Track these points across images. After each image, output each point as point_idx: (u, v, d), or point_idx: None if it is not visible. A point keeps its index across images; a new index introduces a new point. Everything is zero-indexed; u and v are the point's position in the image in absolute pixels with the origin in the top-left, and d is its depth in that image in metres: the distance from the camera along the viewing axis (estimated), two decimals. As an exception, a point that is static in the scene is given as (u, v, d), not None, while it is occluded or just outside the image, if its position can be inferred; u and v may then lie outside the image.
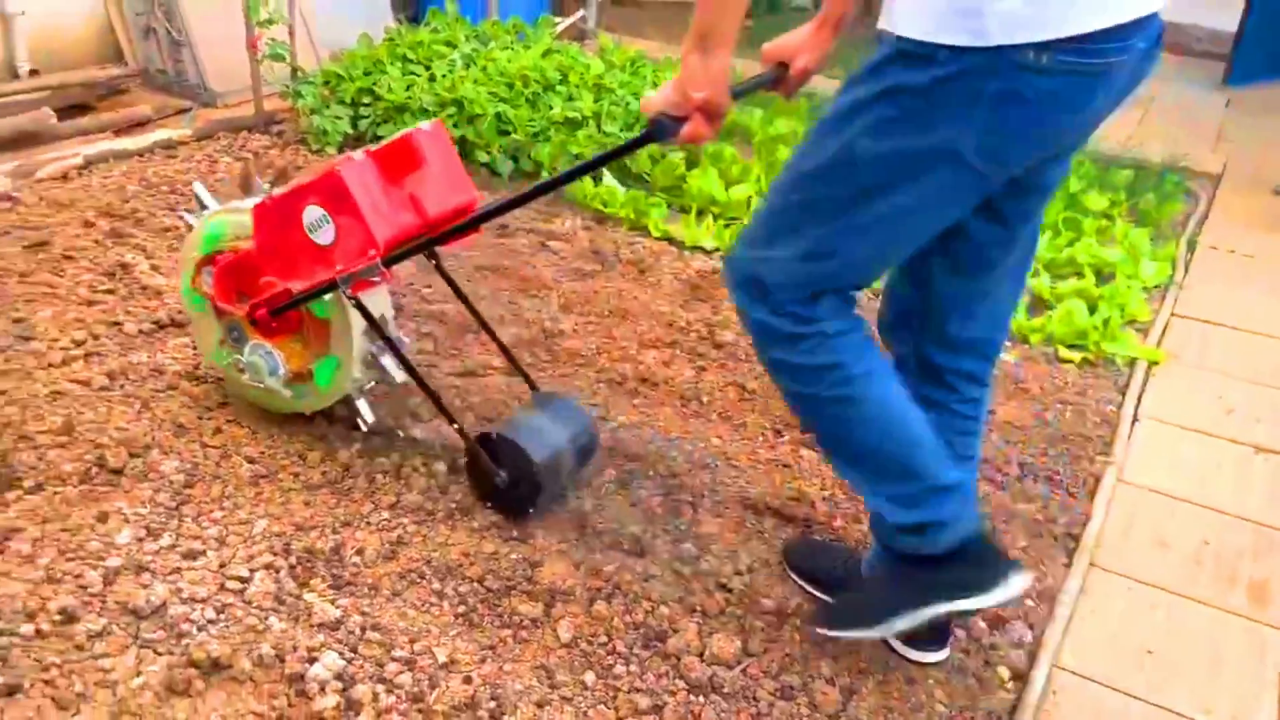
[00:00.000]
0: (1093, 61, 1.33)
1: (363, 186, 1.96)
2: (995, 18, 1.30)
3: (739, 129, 4.40)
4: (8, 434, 2.16)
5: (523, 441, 2.03)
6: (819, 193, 1.50)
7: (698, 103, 1.47)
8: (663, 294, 3.10)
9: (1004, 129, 1.37)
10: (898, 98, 1.40)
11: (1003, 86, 1.33)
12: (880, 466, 1.62)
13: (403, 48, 4.18)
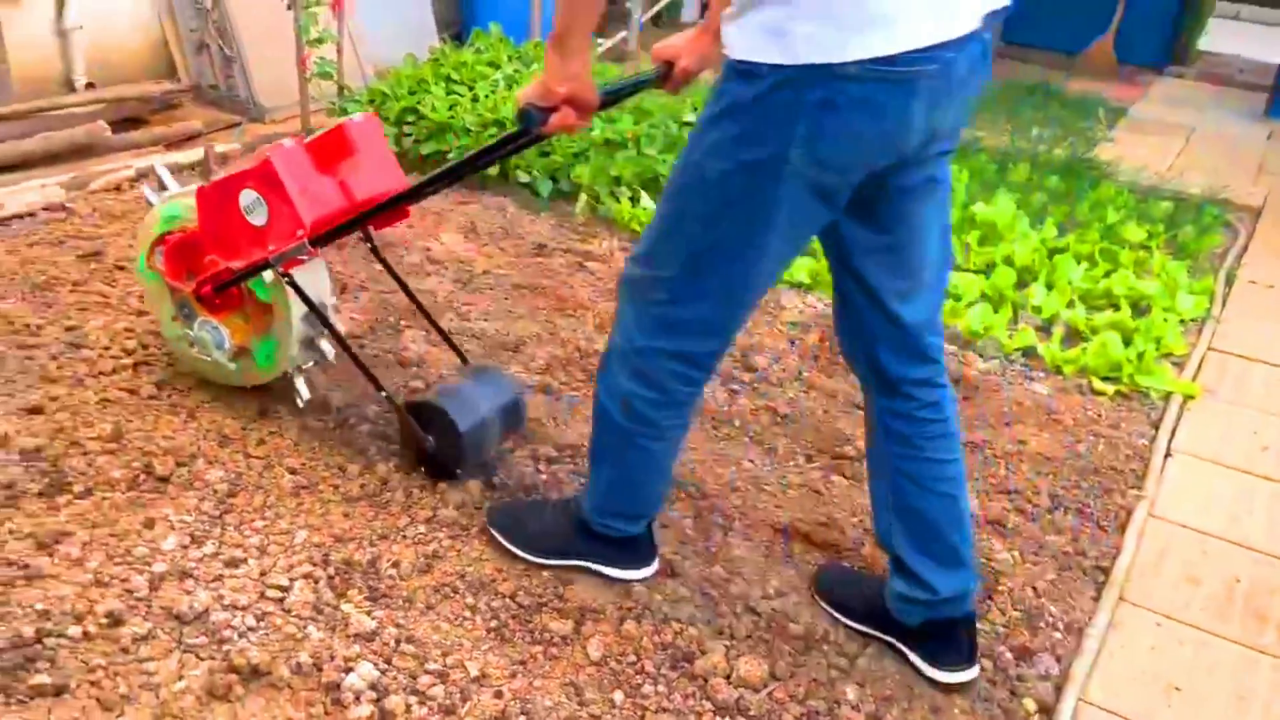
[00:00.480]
0: (900, 69, 1.43)
1: (291, 171, 2.11)
2: (801, 39, 1.42)
3: (776, 153, 4.44)
4: (60, 439, 2.23)
5: (449, 409, 2.16)
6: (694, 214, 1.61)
7: (561, 96, 1.64)
8: (697, 316, 3.13)
9: (825, 135, 1.47)
10: (735, 114, 1.51)
11: (821, 95, 1.44)
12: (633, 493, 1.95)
13: (447, 68, 4.26)
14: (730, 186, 1.55)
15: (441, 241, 3.40)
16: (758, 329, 3.08)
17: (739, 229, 1.58)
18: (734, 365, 2.87)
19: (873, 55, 1.41)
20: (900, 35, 1.41)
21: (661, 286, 1.69)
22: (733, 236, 1.59)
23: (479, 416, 2.20)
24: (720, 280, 1.64)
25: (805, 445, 2.56)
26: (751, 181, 1.53)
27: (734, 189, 1.55)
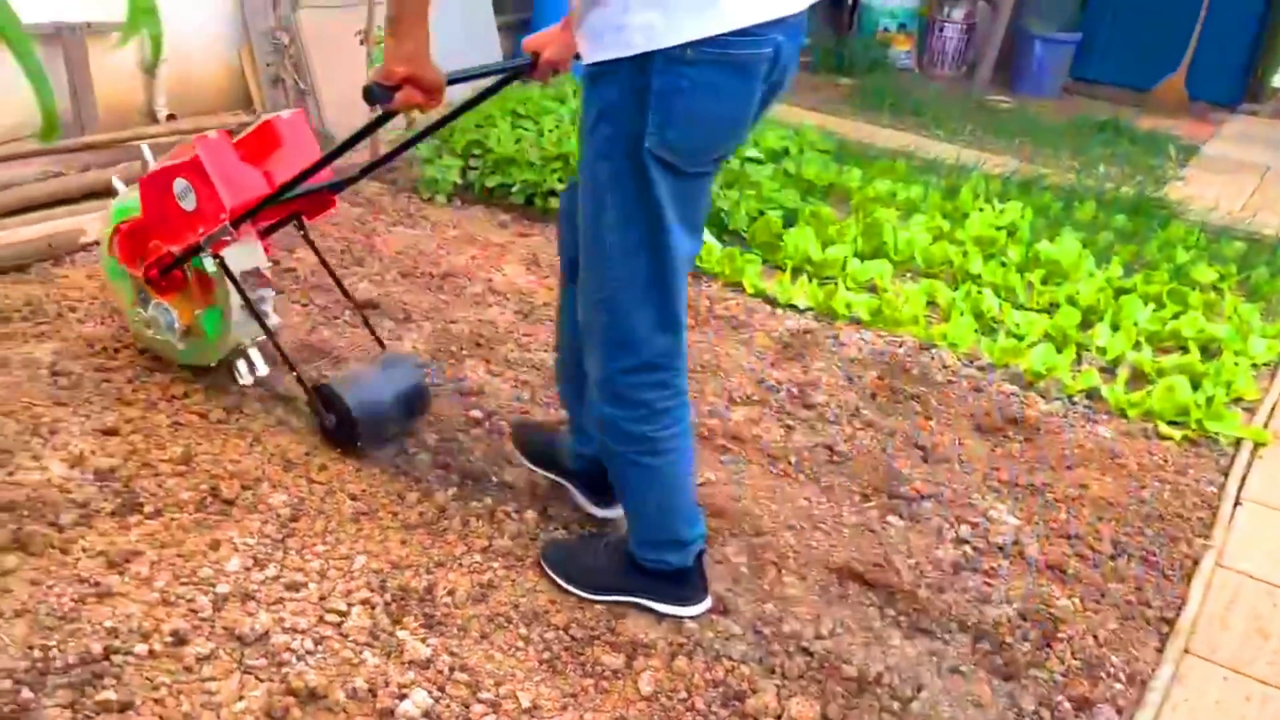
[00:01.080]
0: (733, 53, 1.56)
1: (215, 161, 2.31)
2: (638, 29, 1.54)
3: (837, 189, 4.44)
4: (132, 460, 2.30)
5: (345, 392, 2.37)
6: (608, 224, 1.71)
7: (401, 76, 1.73)
8: (754, 351, 3.14)
9: (674, 121, 1.58)
10: (602, 117, 1.64)
11: (664, 82, 1.55)
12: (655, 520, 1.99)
13: (513, 103, 4.33)
14: (621, 184, 1.66)
15: (503, 273, 3.46)
16: (816, 364, 3.08)
17: (644, 220, 1.68)
18: (790, 401, 2.87)
19: (704, 35, 1.52)
20: (728, 15, 1.53)
21: (604, 309, 1.79)
22: (643, 229, 1.69)
23: (375, 400, 2.39)
24: (649, 276, 1.74)
25: (861, 484, 2.55)
26: (634, 173, 1.63)
27: (625, 185, 1.65)
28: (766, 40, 1.58)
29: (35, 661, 1.76)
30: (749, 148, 4.28)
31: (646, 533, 2.00)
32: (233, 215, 2.30)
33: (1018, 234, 4.11)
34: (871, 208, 4.20)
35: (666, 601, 2.02)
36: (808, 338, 3.25)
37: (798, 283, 3.56)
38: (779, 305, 3.47)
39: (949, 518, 2.46)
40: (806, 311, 3.45)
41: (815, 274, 3.69)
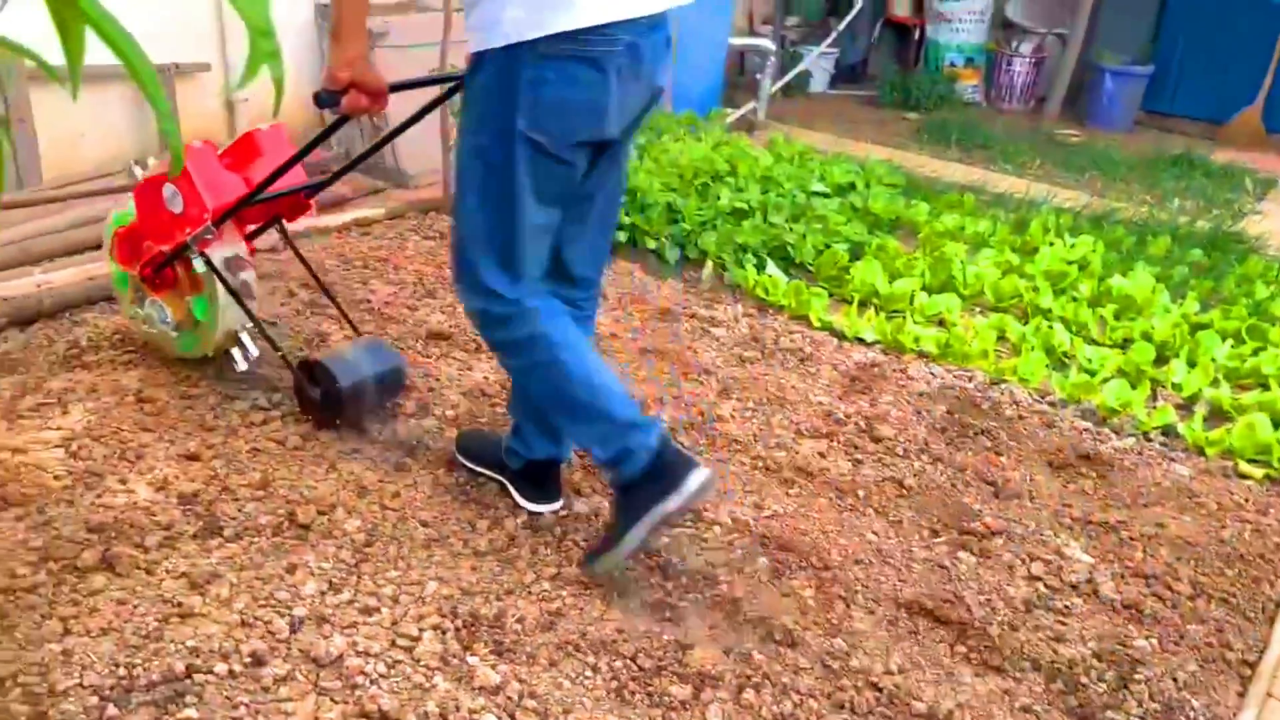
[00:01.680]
0: (587, 50, 1.79)
1: (199, 167, 2.53)
2: (508, 23, 1.77)
3: (905, 223, 4.42)
4: (213, 485, 2.37)
5: (332, 367, 2.54)
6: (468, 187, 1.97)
7: (345, 80, 1.91)
8: (821, 384, 3.13)
9: (542, 106, 1.82)
10: (475, 99, 1.89)
11: (531, 73, 1.80)
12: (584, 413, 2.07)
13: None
14: (484, 156, 1.91)
15: (571, 305, 3.50)
16: (884, 398, 3.07)
17: (500, 190, 1.92)
18: (858, 435, 2.85)
19: (560, 30, 1.76)
20: (582, 13, 1.76)
21: (459, 251, 2.06)
22: (498, 197, 1.93)
23: (358, 377, 2.55)
24: (502, 239, 1.97)
25: (931, 519, 2.52)
26: (500, 150, 1.88)
27: (491, 159, 1.90)
28: (618, 39, 1.82)
29: (120, 679, 1.81)
30: (815, 182, 4.29)
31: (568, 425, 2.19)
32: (215, 215, 2.52)
33: (1089, 268, 4.06)
34: (939, 242, 4.18)
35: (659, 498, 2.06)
36: (875, 371, 3.24)
37: (864, 316, 3.55)
38: (846, 338, 3.47)
39: (1021, 554, 2.42)
40: (874, 345, 3.44)
41: (883, 307, 3.68)
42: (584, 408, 2.07)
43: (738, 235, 3.85)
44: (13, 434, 2.51)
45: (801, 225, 3.98)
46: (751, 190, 4.09)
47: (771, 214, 3.99)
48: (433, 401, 2.82)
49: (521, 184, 1.90)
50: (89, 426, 2.55)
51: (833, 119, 6.48)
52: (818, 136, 5.87)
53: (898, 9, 7.38)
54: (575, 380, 2.05)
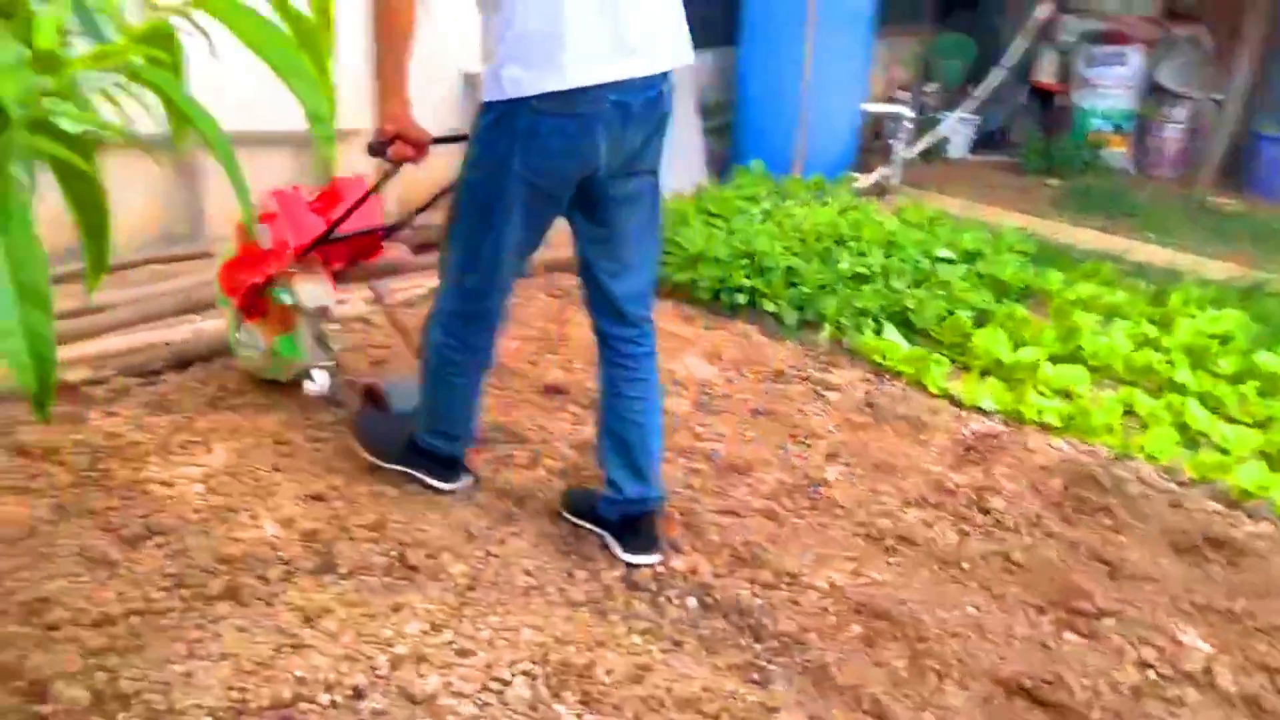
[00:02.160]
0: (575, 108, 2.08)
1: (285, 209, 2.85)
2: (507, 81, 2.07)
3: (1035, 292, 4.33)
4: (334, 524, 2.51)
5: (388, 392, 2.87)
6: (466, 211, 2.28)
7: (390, 133, 2.26)
8: (933, 453, 3.09)
9: (531, 151, 2.13)
10: (479, 139, 2.20)
11: (526, 123, 2.10)
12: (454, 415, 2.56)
13: (706, 202, 4.50)
14: (480, 190, 2.22)
15: (685, 364, 3.56)
16: (998, 468, 3.00)
17: (494, 217, 2.22)
18: (968, 506, 2.80)
19: (550, 90, 2.04)
20: (570, 77, 2.04)
21: (454, 267, 2.37)
22: (486, 224, 2.24)
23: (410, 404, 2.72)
24: (486, 258, 2.29)
25: (1037, 595, 2.45)
26: (495, 183, 2.18)
27: (482, 191, 2.21)
28: (605, 97, 2.09)
29: (234, 702, 1.94)
30: (941, 247, 4.26)
31: (430, 422, 2.56)
32: (296, 252, 2.80)
33: (1232, 343, 3.88)
34: (1070, 311, 4.07)
35: (433, 476, 2.61)
36: (992, 442, 3.17)
37: (985, 384, 3.49)
38: (964, 407, 3.41)
39: (1132, 638, 2.33)
40: (993, 415, 3.37)
41: (1005, 376, 3.60)
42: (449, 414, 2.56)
43: (857, 299, 3.86)
44: (164, 468, 2.73)
45: (924, 291, 3.95)
46: (874, 255, 4.09)
47: (893, 279, 3.98)
48: (544, 454, 2.92)
49: (510, 212, 2.21)
50: (228, 464, 2.74)
51: (970, 185, 6.39)
52: (953, 202, 5.80)
53: (1042, 75, 7.26)
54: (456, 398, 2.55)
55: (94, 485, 2.59)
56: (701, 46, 6.11)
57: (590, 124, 2.10)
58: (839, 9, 5.31)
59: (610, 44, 2.07)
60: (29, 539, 2.36)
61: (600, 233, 2.33)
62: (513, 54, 2.07)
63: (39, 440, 2.76)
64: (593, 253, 2.37)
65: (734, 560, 2.49)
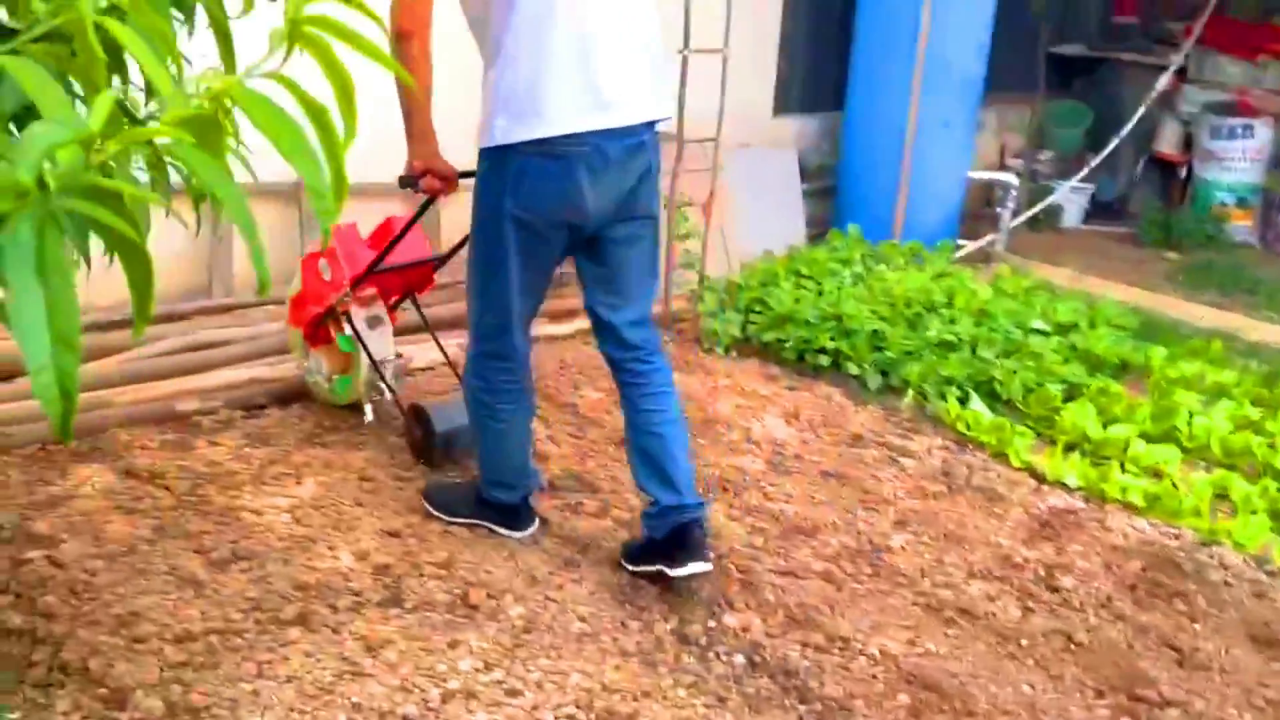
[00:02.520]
0: (557, 151, 2.31)
1: (342, 243, 3.10)
2: (497, 130, 2.32)
3: (1134, 368, 4.22)
4: (405, 560, 2.63)
5: (433, 414, 3.07)
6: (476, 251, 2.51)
7: (420, 170, 2.53)
8: (1006, 526, 3.05)
9: (523, 192, 2.36)
10: (480, 184, 2.44)
11: (515, 166, 2.34)
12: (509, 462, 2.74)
13: (798, 263, 4.55)
14: (486, 230, 2.45)
15: (763, 423, 3.60)
16: (1072, 545, 2.94)
17: (497, 257, 2.44)
18: (1035, 582, 2.75)
19: (534, 136, 2.28)
20: (551, 125, 2.28)
21: (473, 309, 2.58)
22: (497, 262, 2.44)
23: (452, 425, 3.02)
24: (496, 295, 2.49)
25: (1098, 679, 2.39)
26: (494, 224, 2.41)
27: (488, 231, 2.44)
28: (585, 141, 2.31)
29: (293, 722, 2.06)
30: (1035, 317, 4.20)
31: (488, 474, 2.74)
32: (351, 280, 3.08)
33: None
34: (1171, 389, 3.96)
35: (502, 526, 2.77)
36: (1070, 518, 3.11)
37: (1069, 459, 3.42)
38: (1046, 481, 3.35)
39: (1195, 731, 2.25)
40: (1075, 492, 3.30)
41: (1092, 453, 3.53)
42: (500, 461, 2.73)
43: (943, 367, 3.84)
44: (256, 497, 2.91)
45: (1013, 362, 3.90)
46: (964, 323, 4.06)
47: (982, 348, 3.94)
48: (613, 503, 2.99)
49: (509, 252, 2.43)
50: (315, 497, 2.91)
51: (1082, 255, 6.26)
52: (1059, 272, 5.70)
53: (1163, 145, 7.09)
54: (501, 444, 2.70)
55: (192, 509, 2.78)
56: (808, 110, 6.23)
57: (571, 165, 2.32)
58: (945, 76, 5.33)
59: (588, 98, 2.30)
60: (129, 556, 2.55)
61: (602, 273, 2.55)
62: (501, 107, 2.32)
63: (148, 465, 2.98)
64: (596, 290, 2.58)
65: (788, 621, 2.51)
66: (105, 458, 3.01)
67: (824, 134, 6.18)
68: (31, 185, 0.68)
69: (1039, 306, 4.34)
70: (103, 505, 2.75)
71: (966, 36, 5.40)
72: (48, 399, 0.71)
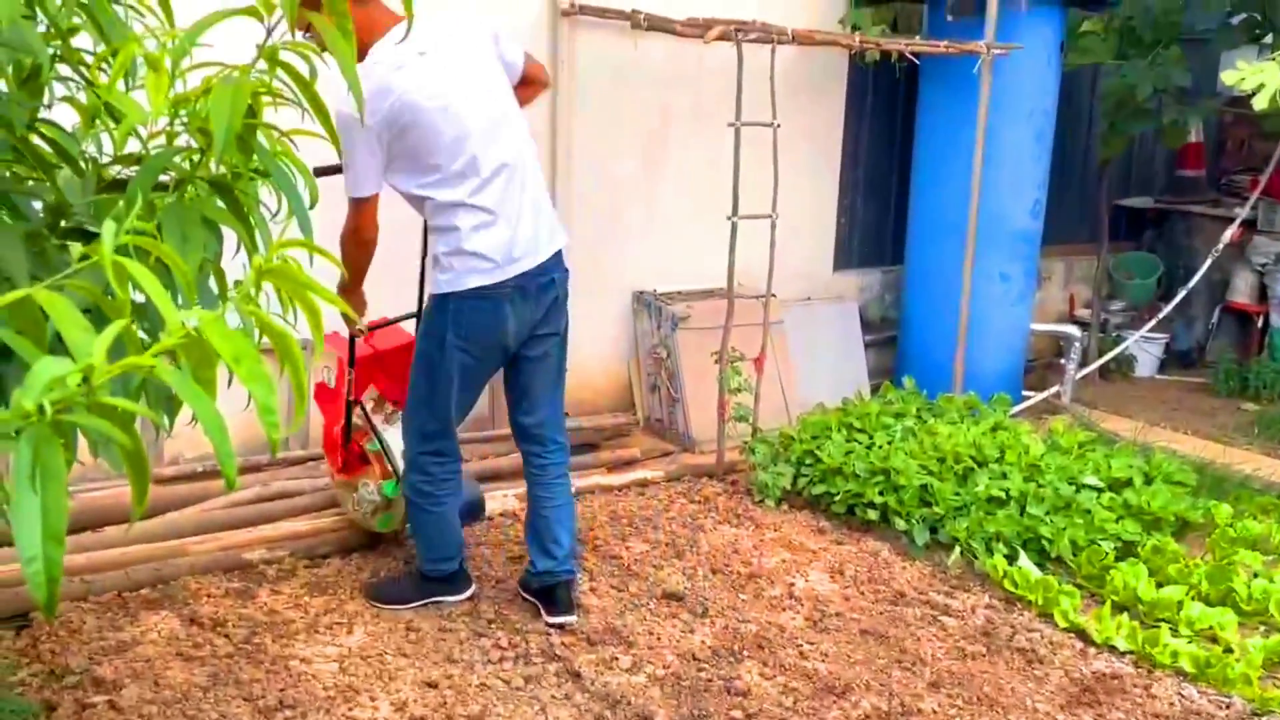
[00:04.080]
0: (486, 294, 2.95)
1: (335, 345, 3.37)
2: (444, 283, 2.96)
3: (1194, 524, 4.14)
4: (440, 712, 2.74)
5: None
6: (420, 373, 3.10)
7: None
8: (1046, 691, 3.00)
9: (461, 325, 2.98)
10: (428, 318, 3.09)
11: (454, 306, 2.97)
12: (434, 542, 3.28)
13: (852, 416, 4.63)
14: (427, 357, 3.06)
15: (807, 579, 3.64)
16: (1113, 714, 2.88)
17: (436, 379, 3.04)
18: (1070, 750, 2.70)
19: (474, 287, 2.94)
20: (483, 279, 2.94)
21: (417, 417, 3.14)
22: (434, 383, 3.05)
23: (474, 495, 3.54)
24: (438, 406, 3.08)
25: None
26: (434, 353, 3.03)
27: (429, 358, 3.05)
28: (507, 284, 2.96)
29: None
30: (1088, 473, 4.18)
31: (431, 552, 3.25)
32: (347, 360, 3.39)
33: None
34: (1231, 550, 3.87)
35: (449, 594, 3.31)
36: (1114, 683, 3.05)
37: (1118, 621, 3.36)
38: (1094, 644, 3.29)
39: None
40: (1124, 655, 3.23)
41: (1144, 614, 3.46)
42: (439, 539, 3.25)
43: (990, 523, 3.83)
44: (308, 645, 3.06)
45: (1062, 519, 3.88)
46: (1015, 478, 4.06)
47: (1031, 504, 3.93)
48: (647, 659, 3.05)
49: (450, 373, 3.02)
50: (362, 646, 3.05)
51: (1152, 406, 6.19)
52: (1127, 424, 5.64)
53: (1237, 295, 7.03)
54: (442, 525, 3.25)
55: (246, 658, 2.95)
56: (869, 265, 6.40)
57: (499, 304, 2.97)
58: (1000, 230, 5.45)
59: (507, 255, 2.95)
60: (182, 702, 2.72)
61: (519, 382, 3.19)
62: (448, 266, 2.96)
63: (212, 612, 3.17)
64: (513, 396, 3.23)
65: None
66: (173, 604, 3.21)
67: (887, 286, 6.33)
68: (33, 410, 0.86)
69: (1092, 461, 4.31)
70: (165, 652, 2.94)
71: (1019, 194, 5.54)
72: (36, 584, 0.88)
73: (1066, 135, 6.63)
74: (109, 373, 0.92)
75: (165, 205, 1.33)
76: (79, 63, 1.49)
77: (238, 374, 0.95)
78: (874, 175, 6.19)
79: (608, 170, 5.12)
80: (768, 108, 4.38)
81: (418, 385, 3.11)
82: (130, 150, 1.59)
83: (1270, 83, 4.40)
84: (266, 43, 1.32)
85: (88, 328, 1.03)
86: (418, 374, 3.10)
